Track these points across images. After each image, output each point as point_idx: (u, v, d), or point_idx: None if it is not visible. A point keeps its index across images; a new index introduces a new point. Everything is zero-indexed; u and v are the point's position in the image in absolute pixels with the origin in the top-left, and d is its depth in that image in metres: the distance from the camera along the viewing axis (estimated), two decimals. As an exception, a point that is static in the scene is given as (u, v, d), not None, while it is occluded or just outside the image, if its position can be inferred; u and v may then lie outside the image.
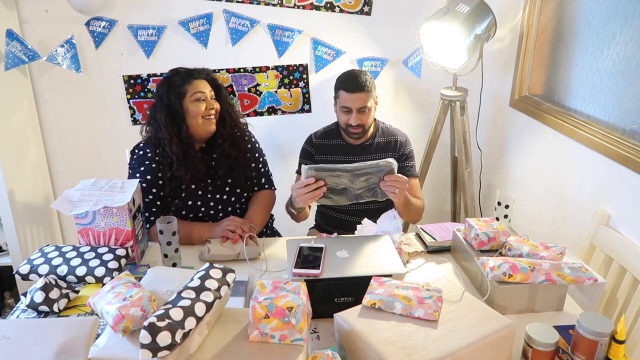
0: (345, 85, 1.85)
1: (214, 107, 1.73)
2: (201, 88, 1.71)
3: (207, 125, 1.73)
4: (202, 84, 1.73)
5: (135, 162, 1.74)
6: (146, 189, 1.69)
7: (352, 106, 1.83)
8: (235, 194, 1.82)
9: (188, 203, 1.75)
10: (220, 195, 1.79)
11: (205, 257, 1.54)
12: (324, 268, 1.24)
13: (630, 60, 1.61)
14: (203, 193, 1.77)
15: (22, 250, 2.23)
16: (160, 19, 2.28)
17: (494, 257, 1.32)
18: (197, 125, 1.71)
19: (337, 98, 1.90)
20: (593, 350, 1.01)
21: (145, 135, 1.77)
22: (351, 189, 1.54)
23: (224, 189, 1.80)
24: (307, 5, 2.31)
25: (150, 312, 1.01)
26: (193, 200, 1.75)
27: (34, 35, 2.25)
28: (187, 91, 1.70)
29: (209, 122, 1.73)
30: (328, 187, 1.54)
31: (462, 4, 1.99)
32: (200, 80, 1.73)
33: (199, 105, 1.70)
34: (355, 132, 1.89)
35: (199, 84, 1.72)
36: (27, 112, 2.32)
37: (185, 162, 1.69)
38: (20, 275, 1.39)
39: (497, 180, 2.53)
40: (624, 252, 1.56)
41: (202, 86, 1.72)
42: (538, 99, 2.17)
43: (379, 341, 1.00)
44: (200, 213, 1.77)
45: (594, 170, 1.77)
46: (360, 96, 1.82)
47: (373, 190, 1.55)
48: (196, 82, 1.72)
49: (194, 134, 1.73)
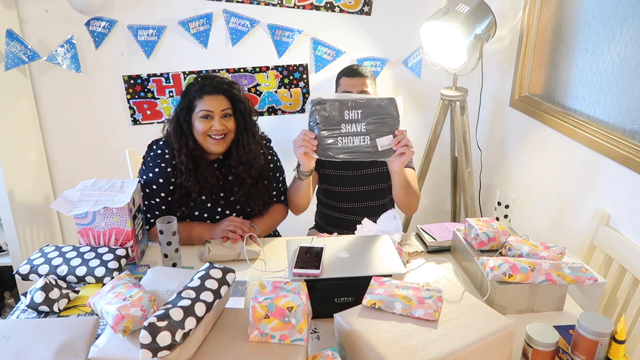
0: (346, 72, 1.92)
1: (224, 126, 1.62)
2: (210, 106, 1.60)
3: (214, 145, 1.63)
4: (213, 101, 1.61)
5: (151, 160, 1.68)
6: (155, 191, 1.64)
7: (353, 90, 1.86)
8: (245, 213, 1.75)
9: (194, 213, 1.68)
10: (230, 212, 1.71)
11: (205, 258, 1.54)
12: (324, 268, 1.24)
13: (630, 60, 1.61)
14: (212, 206, 1.69)
15: (22, 250, 2.23)
16: (160, 19, 2.28)
17: (494, 257, 1.32)
18: (203, 142, 1.64)
19: (338, 87, 1.95)
20: (593, 350, 1.01)
21: (166, 134, 1.70)
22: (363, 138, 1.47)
23: (234, 207, 1.71)
24: (307, 5, 2.31)
25: (150, 312, 1.01)
26: (200, 211, 1.68)
27: (34, 35, 2.25)
28: (196, 107, 1.62)
29: (216, 143, 1.63)
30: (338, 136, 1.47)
31: (462, 4, 1.99)
32: (214, 96, 1.62)
33: (204, 122, 1.61)
34: None
35: (210, 101, 1.61)
36: (27, 112, 2.32)
37: (195, 172, 1.62)
38: (20, 275, 1.39)
39: (497, 180, 2.53)
40: (624, 252, 1.56)
41: (213, 104, 1.61)
42: (538, 99, 2.17)
43: (379, 341, 1.00)
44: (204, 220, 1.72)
45: (594, 170, 1.77)
46: (360, 80, 1.87)
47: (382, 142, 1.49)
48: (208, 98, 1.61)
49: (204, 148, 1.65)
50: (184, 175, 1.62)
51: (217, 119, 1.62)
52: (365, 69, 1.91)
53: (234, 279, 1.13)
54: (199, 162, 1.64)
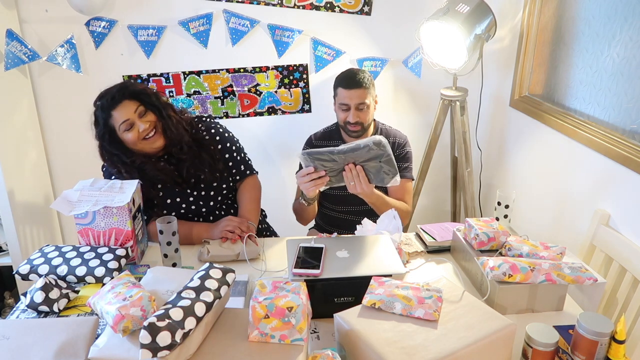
0: (343, 82, 1.86)
1: (147, 123, 1.61)
2: (124, 116, 1.59)
3: (151, 144, 1.64)
4: (123, 110, 1.59)
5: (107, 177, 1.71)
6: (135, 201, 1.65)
7: (350, 103, 1.84)
8: (212, 188, 1.77)
9: (167, 202, 1.72)
10: (197, 192, 1.75)
11: (204, 258, 1.54)
12: (324, 268, 1.24)
13: (630, 60, 1.61)
14: (180, 190, 1.73)
15: (22, 250, 2.23)
16: (160, 19, 2.28)
17: (494, 257, 1.32)
18: (142, 149, 1.64)
19: (335, 96, 1.91)
20: (593, 350, 1.01)
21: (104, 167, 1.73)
22: None
23: (198, 186, 1.75)
24: (307, 5, 2.31)
25: (150, 312, 1.01)
26: (172, 198, 1.73)
27: (34, 35, 2.25)
28: (114, 126, 1.60)
29: (151, 141, 1.63)
30: (327, 171, 1.56)
31: (462, 4, 2.00)
32: (120, 106, 1.59)
33: (129, 134, 1.60)
34: (353, 130, 1.89)
35: (120, 112, 1.59)
36: (27, 112, 2.32)
37: (149, 174, 1.66)
38: (20, 275, 1.39)
39: (497, 180, 2.53)
40: (624, 252, 1.57)
41: (124, 113, 1.59)
42: (538, 99, 2.17)
43: (379, 341, 1.00)
44: (182, 210, 1.74)
45: (594, 170, 1.77)
46: (358, 92, 1.82)
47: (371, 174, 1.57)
48: (115, 112, 1.59)
49: (144, 153, 1.66)
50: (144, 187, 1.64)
51: (137, 122, 1.61)
52: (364, 76, 1.84)
53: (234, 279, 1.13)
54: (146, 164, 1.65)
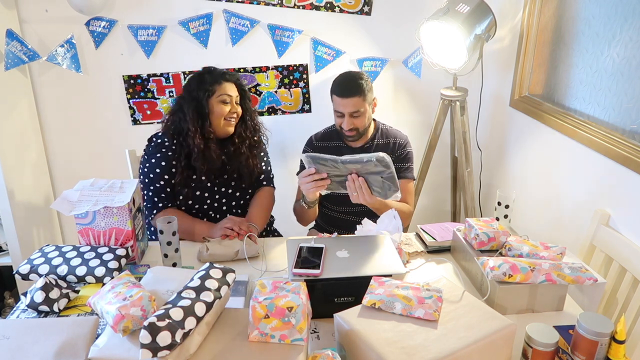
0: (338, 90, 1.84)
1: (236, 110, 1.81)
2: (228, 91, 1.79)
3: (227, 126, 1.81)
4: (230, 87, 1.80)
5: (152, 149, 1.80)
6: (159, 174, 1.76)
7: (344, 110, 1.84)
8: (240, 189, 1.90)
9: (196, 193, 1.81)
10: (226, 189, 1.86)
11: (203, 258, 1.54)
12: (324, 268, 1.24)
13: (630, 60, 1.61)
14: (212, 185, 1.83)
15: (22, 250, 2.23)
16: (160, 19, 2.28)
17: (494, 257, 1.32)
18: (218, 125, 1.79)
19: (332, 101, 1.91)
20: (593, 350, 1.01)
21: (165, 125, 1.82)
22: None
23: (230, 184, 1.87)
24: (307, 5, 2.31)
25: (150, 312, 1.01)
26: (201, 191, 1.82)
27: (34, 35, 2.25)
28: (216, 91, 1.77)
29: (229, 124, 1.81)
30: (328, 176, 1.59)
31: (462, 4, 1.99)
32: (230, 83, 1.81)
33: (223, 107, 1.78)
34: (349, 136, 1.91)
35: (228, 87, 1.79)
36: (27, 112, 2.32)
37: (204, 154, 1.75)
38: (20, 275, 1.39)
39: (497, 180, 2.53)
40: (624, 252, 1.56)
41: (229, 89, 1.80)
42: (538, 99, 2.17)
43: (379, 341, 1.00)
44: (205, 205, 1.83)
45: (594, 170, 1.77)
46: (352, 101, 1.81)
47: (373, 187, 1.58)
48: (225, 84, 1.79)
49: (215, 131, 1.80)
50: (193, 156, 1.75)
51: (233, 103, 1.81)
52: (359, 83, 1.81)
53: (234, 279, 1.13)
54: (209, 145, 1.76)
